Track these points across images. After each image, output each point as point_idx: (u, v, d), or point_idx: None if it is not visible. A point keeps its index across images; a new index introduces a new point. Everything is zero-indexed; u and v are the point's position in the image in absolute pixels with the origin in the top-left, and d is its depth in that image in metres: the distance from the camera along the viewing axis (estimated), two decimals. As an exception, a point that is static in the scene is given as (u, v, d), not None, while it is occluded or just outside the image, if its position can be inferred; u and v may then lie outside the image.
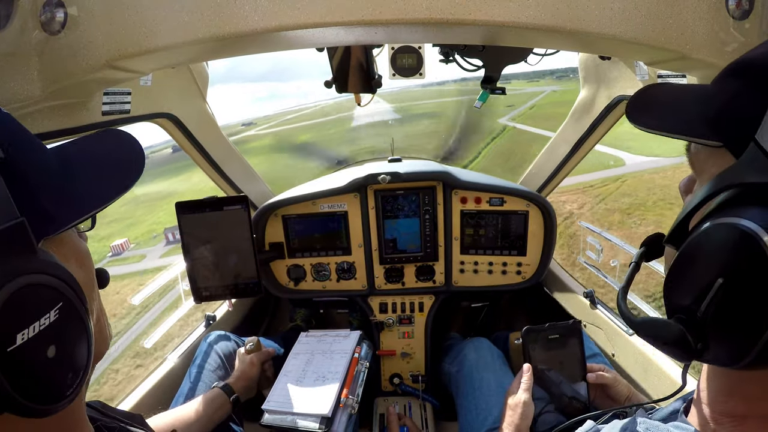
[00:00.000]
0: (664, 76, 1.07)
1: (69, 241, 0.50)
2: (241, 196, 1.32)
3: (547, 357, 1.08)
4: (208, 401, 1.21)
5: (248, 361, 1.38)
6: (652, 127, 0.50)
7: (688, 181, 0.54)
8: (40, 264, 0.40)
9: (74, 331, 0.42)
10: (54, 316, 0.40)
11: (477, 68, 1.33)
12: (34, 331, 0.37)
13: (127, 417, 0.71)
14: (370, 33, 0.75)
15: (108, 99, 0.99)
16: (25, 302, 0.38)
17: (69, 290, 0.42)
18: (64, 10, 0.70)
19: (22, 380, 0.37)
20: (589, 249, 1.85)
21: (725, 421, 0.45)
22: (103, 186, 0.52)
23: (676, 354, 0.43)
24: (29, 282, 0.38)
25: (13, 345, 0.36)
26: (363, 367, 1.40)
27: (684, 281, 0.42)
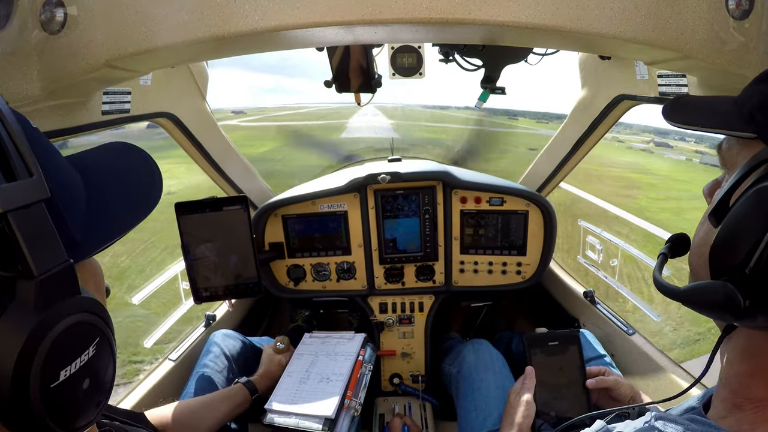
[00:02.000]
0: (664, 76, 1.07)
1: (90, 264, 0.50)
2: (240, 196, 1.32)
3: (548, 362, 1.09)
4: (229, 396, 1.20)
5: (276, 362, 1.37)
6: (691, 123, 0.55)
7: (713, 185, 0.58)
8: (82, 302, 0.41)
9: (105, 361, 0.44)
10: (92, 351, 0.41)
11: (477, 68, 1.33)
12: (75, 368, 0.39)
13: (128, 416, 0.71)
14: (370, 32, 0.75)
15: (108, 98, 0.99)
16: (69, 341, 0.39)
17: (104, 324, 0.43)
18: (64, 10, 0.70)
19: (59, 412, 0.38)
20: (589, 249, 1.85)
21: (747, 406, 0.47)
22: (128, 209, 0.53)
23: (724, 315, 0.45)
24: (75, 321, 0.39)
25: (56, 381, 0.37)
26: (367, 369, 1.40)
27: (731, 246, 0.44)
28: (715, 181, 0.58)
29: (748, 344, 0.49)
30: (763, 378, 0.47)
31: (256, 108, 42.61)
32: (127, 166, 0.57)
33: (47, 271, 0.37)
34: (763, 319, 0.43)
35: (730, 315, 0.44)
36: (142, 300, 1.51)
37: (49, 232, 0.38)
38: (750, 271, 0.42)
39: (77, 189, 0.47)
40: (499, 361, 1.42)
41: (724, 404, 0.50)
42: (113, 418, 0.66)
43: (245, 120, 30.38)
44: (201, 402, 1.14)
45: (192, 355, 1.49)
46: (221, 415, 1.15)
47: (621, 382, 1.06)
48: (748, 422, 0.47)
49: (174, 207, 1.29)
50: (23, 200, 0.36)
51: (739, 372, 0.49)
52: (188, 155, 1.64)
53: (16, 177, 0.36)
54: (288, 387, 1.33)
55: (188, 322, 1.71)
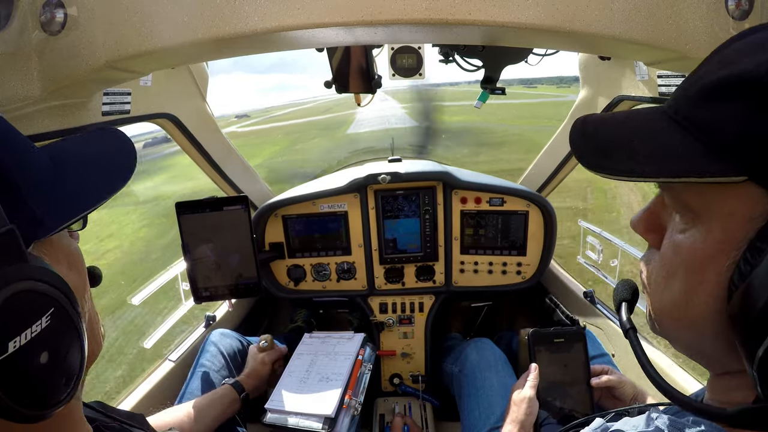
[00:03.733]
0: (664, 76, 1.07)
1: (60, 243, 0.49)
2: (241, 196, 1.32)
3: (553, 359, 1.09)
4: (218, 398, 1.20)
5: (260, 360, 1.37)
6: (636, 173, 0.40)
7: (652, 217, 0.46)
8: (30, 270, 0.39)
9: (67, 336, 0.42)
10: (46, 323, 0.39)
11: (477, 68, 1.33)
12: (26, 339, 0.37)
13: (127, 417, 0.71)
14: (369, 33, 0.75)
15: (108, 99, 0.99)
16: (16, 310, 0.37)
17: (60, 295, 0.41)
18: (64, 11, 0.70)
19: (15, 387, 0.37)
20: (589, 249, 1.85)
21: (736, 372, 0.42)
22: (95, 186, 0.51)
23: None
24: (19, 289, 0.38)
25: (5, 353, 0.36)
26: (366, 369, 1.41)
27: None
28: (649, 212, 0.46)
29: None
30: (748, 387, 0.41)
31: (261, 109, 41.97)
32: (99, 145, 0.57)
33: None
34: None
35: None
36: (141, 300, 1.51)
37: None
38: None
39: (39, 165, 0.46)
40: (501, 359, 1.43)
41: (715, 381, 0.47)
42: (112, 417, 0.66)
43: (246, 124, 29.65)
44: (192, 405, 1.15)
45: (192, 355, 1.49)
46: (213, 417, 1.16)
47: (624, 381, 1.06)
48: None
49: (174, 207, 1.30)
50: None
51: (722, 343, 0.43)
52: (188, 156, 1.64)
53: None
54: (288, 386, 1.33)
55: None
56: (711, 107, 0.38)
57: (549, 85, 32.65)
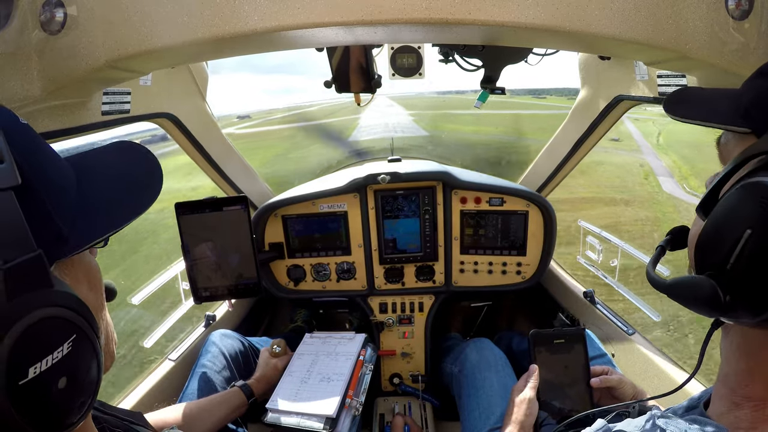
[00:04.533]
0: (664, 76, 1.07)
1: (81, 261, 0.48)
2: (240, 196, 1.32)
3: (553, 360, 1.09)
4: (226, 400, 1.20)
5: (273, 366, 1.37)
6: (690, 117, 0.56)
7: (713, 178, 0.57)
8: (54, 297, 0.39)
9: (86, 362, 0.42)
10: (67, 349, 0.39)
11: (477, 68, 1.33)
12: (46, 365, 0.37)
13: (127, 415, 0.71)
14: (369, 33, 0.75)
15: (108, 99, 0.99)
16: (39, 336, 0.37)
17: (83, 321, 0.41)
18: (64, 10, 0.70)
19: (33, 411, 0.37)
20: (588, 249, 1.85)
21: (746, 405, 0.47)
22: (120, 206, 0.51)
23: (706, 309, 0.46)
24: (44, 316, 0.37)
25: (25, 379, 0.36)
26: (367, 369, 1.41)
27: (715, 240, 0.45)
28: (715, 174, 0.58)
29: (745, 342, 0.48)
30: (761, 377, 0.46)
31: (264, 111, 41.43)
32: (125, 163, 0.55)
33: (12, 261, 0.35)
34: (744, 314, 0.43)
35: (711, 310, 0.45)
36: (141, 300, 1.51)
37: (16, 221, 0.37)
38: (731, 267, 0.42)
39: (67, 183, 0.46)
40: (501, 359, 1.42)
41: (723, 401, 0.50)
42: (113, 415, 0.66)
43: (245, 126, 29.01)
44: (198, 405, 1.14)
45: (192, 355, 1.49)
46: (218, 419, 1.15)
47: (624, 382, 1.06)
48: (747, 420, 0.47)
49: (174, 207, 1.30)
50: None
51: (737, 370, 0.49)
52: (188, 156, 1.64)
53: None
54: (289, 386, 1.33)
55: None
56: (753, 81, 0.51)
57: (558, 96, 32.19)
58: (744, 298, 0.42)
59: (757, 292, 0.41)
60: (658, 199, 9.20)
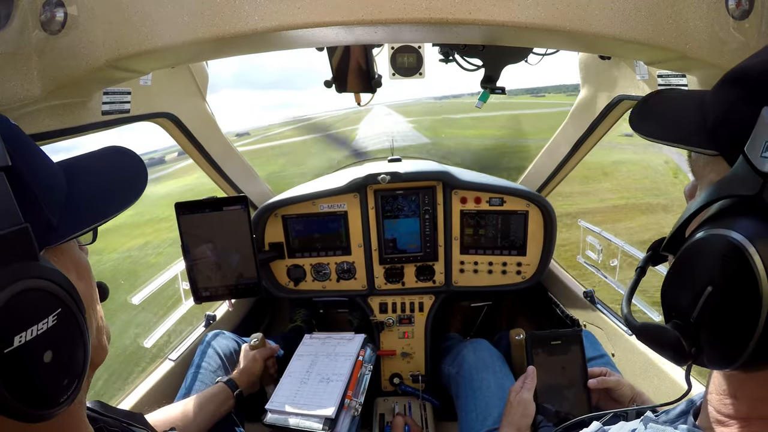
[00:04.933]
0: (664, 76, 1.07)
1: (70, 252, 0.50)
2: (240, 196, 1.32)
3: (550, 361, 1.09)
4: (212, 396, 1.21)
5: (251, 357, 1.38)
6: (653, 135, 0.52)
7: (692, 187, 0.55)
8: (41, 270, 0.40)
9: (71, 338, 0.43)
10: (52, 322, 0.40)
11: (477, 68, 1.33)
12: (31, 335, 0.38)
13: (127, 416, 0.71)
14: (370, 32, 0.75)
15: (108, 98, 0.99)
16: (24, 306, 0.38)
17: (68, 298, 0.42)
18: (64, 10, 0.70)
19: (18, 383, 0.37)
20: (588, 249, 1.85)
21: (731, 423, 0.45)
22: (107, 199, 0.53)
23: (673, 358, 0.45)
24: (30, 286, 0.38)
25: (10, 347, 0.36)
26: (367, 370, 1.41)
27: (679, 287, 0.43)
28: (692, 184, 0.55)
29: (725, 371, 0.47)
30: (745, 396, 0.44)
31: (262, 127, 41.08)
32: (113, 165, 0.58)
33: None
34: (714, 364, 0.42)
35: (679, 359, 0.43)
36: (141, 300, 1.51)
37: (5, 196, 0.38)
38: (694, 321, 0.41)
39: (55, 182, 0.48)
40: (498, 360, 1.42)
41: (710, 416, 0.48)
42: (113, 417, 0.66)
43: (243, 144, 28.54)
44: (188, 403, 1.16)
45: (192, 355, 1.49)
46: (208, 414, 1.17)
47: (622, 383, 1.06)
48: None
49: (174, 207, 1.29)
50: None
51: (719, 390, 0.47)
52: (188, 155, 1.63)
53: None
54: (288, 387, 1.33)
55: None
56: (719, 92, 0.46)
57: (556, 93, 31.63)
58: (710, 351, 0.41)
59: (722, 347, 0.40)
60: (695, 199, 8.86)
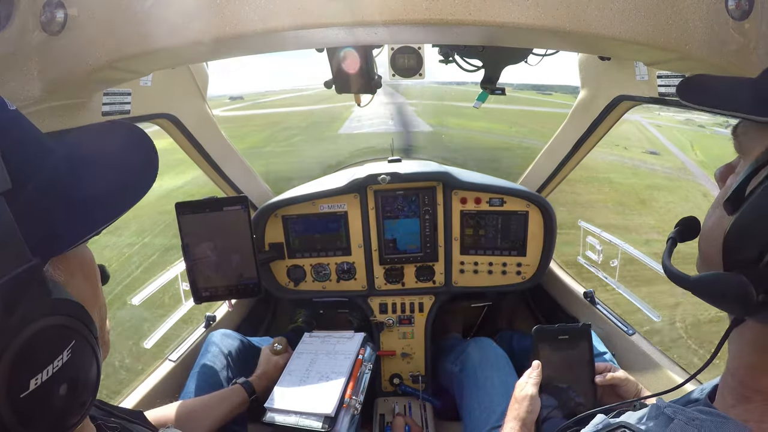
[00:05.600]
0: (664, 77, 1.07)
1: (75, 254, 0.47)
2: (240, 196, 1.32)
3: (557, 357, 1.08)
4: (227, 397, 1.20)
5: (274, 363, 1.37)
6: (706, 104, 0.53)
7: (725, 169, 0.55)
8: (53, 306, 0.38)
9: (85, 364, 0.41)
10: (67, 356, 0.38)
11: (477, 68, 1.33)
12: (47, 375, 0.36)
13: (127, 414, 0.71)
14: (370, 33, 0.75)
15: (108, 99, 0.99)
16: (38, 348, 0.36)
17: (81, 326, 0.40)
18: (64, 11, 0.70)
19: (35, 421, 0.36)
20: (588, 249, 1.85)
21: (757, 398, 0.47)
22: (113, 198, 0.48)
23: (735, 307, 0.44)
24: (43, 326, 0.36)
25: (26, 391, 0.35)
26: (366, 368, 1.41)
27: (747, 237, 0.43)
28: (728, 165, 0.56)
29: (758, 337, 0.48)
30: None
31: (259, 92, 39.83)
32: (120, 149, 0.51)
33: (7, 274, 0.33)
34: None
35: (742, 309, 0.43)
36: (142, 300, 1.51)
37: (9, 229, 0.34)
38: (765, 266, 0.41)
39: (59, 177, 0.43)
40: (502, 358, 1.42)
41: (733, 394, 0.49)
42: (112, 414, 0.66)
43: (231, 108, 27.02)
44: (200, 402, 1.14)
45: (192, 355, 1.49)
46: (219, 416, 1.15)
47: (629, 379, 1.05)
48: (757, 413, 0.46)
49: (174, 207, 1.30)
50: None
51: (749, 364, 0.48)
52: (188, 156, 1.64)
53: None
54: (288, 385, 1.33)
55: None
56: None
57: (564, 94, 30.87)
58: None
59: None
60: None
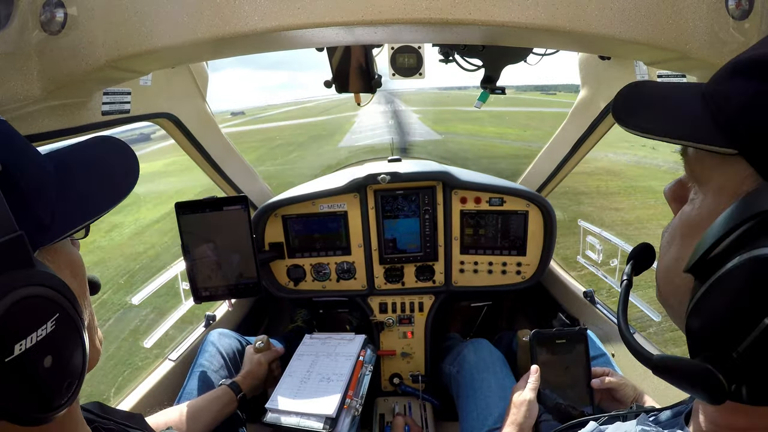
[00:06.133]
0: (664, 76, 1.07)
1: (63, 250, 0.50)
2: (240, 196, 1.32)
3: (554, 360, 1.08)
4: (215, 398, 1.21)
5: (256, 361, 1.38)
6: (650, 132, 0.43)
7: (677, 187, 0.48)
8: (37, 276, 0.40)
9: (70, 342, 0.43)
10: (51, 327, 0.40)
11: (477, 68, 1.33)
12: (31, 342, 0.38)
13: (126, 417, 0.71)
14: (370, 33, 0.75)
15: (108, 99, 0.99)
16: (23, 314, 0.38)
17: (65, 301, 0.42)
18: (64, 10, 0.70)
19: (19, 390, 0.37)
20: (588, 249, 1.85)
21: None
22: (99, 195, 0.52)
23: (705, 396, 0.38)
24: (27, 294, 0.38)
25: (11, 355, 0.36)
26: (367, 370, 1.41)
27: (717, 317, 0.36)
28: (679, 183, 0.48)
29: None
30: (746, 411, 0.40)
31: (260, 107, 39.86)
32: (102, 154, 0.57)
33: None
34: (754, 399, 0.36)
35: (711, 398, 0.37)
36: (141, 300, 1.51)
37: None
38: (738, 356, 0.35)
39: (45, 173, 0.47)
40: (499, 360, 1.42)
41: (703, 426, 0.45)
42: (109, 419, 0.66)
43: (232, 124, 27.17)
44: (192, 405, 1.16)
45: (191, 355, 1.49)
46: (211, 417, 1.16)
47: (626, 383, 1.05)
48: None
49: (174, 207, 1.30)
50: None
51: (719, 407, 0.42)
52: (188, 156, 1.63)
53: None
54: (289, 386, 1.33)
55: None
56: (731, 82, 0.39)
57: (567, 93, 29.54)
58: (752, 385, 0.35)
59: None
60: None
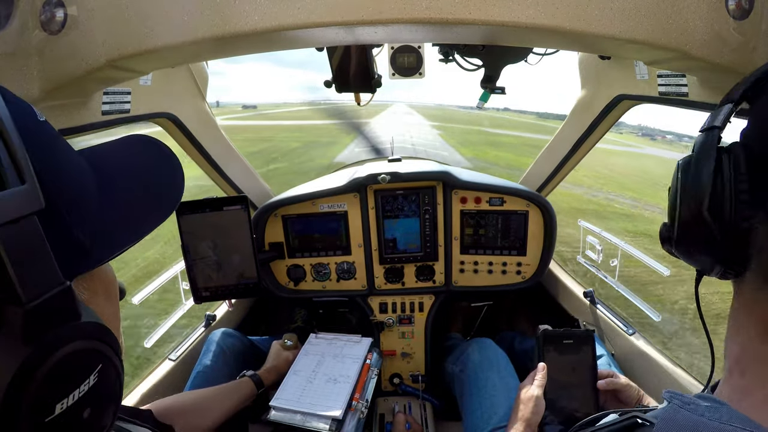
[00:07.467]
0: (664, 76, 1.07)
1: (99, 274, 0.46)
2: (241, 196, 1.32)
3: (561, 360, 1.09)
4: (237, 389, 1.20)
5: (284, 357, 1.38)
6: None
7: None
8: (83, 329, 0.37)
9: (110, 386, 0.40)
10: (94, 380, 0.38)
11: (477, 68, 1.33)
12: (73, 399, 0.35)
13: (132, 414, 0.70)
14: (370, 33, 0.75)
15: (108, 99, 0.99)
16: (66, 371, 0.35)
17: (109, 350, 0.39)
18: (64, 10, 0.70)
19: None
20: (588, 249, 1.85)
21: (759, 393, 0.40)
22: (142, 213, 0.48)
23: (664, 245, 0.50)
24: (72, 350, 0.35)
25: (51, 415, 0.34)
26: (373, 374, 1.41)
27: None
28: None
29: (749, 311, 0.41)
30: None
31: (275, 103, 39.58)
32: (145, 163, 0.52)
33: (38, 297, 0.32)
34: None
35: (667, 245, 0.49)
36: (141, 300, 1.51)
37: (41, 251, 0.33)
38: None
39: (87, 191, 0.42)
40: (503, 359, 1.42)
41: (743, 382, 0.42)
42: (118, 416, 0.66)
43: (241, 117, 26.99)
44: (209, 393, 1.14)
45: (192, 354, 1.49)
46: (227, 407, 1.15)
47: (631, 385, 1.05)
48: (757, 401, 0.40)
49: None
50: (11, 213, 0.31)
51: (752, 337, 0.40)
52: (188, 156, 1.63)
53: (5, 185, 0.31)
54: (294, 385, 1.33)
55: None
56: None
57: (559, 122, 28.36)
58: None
59: None
60: None
